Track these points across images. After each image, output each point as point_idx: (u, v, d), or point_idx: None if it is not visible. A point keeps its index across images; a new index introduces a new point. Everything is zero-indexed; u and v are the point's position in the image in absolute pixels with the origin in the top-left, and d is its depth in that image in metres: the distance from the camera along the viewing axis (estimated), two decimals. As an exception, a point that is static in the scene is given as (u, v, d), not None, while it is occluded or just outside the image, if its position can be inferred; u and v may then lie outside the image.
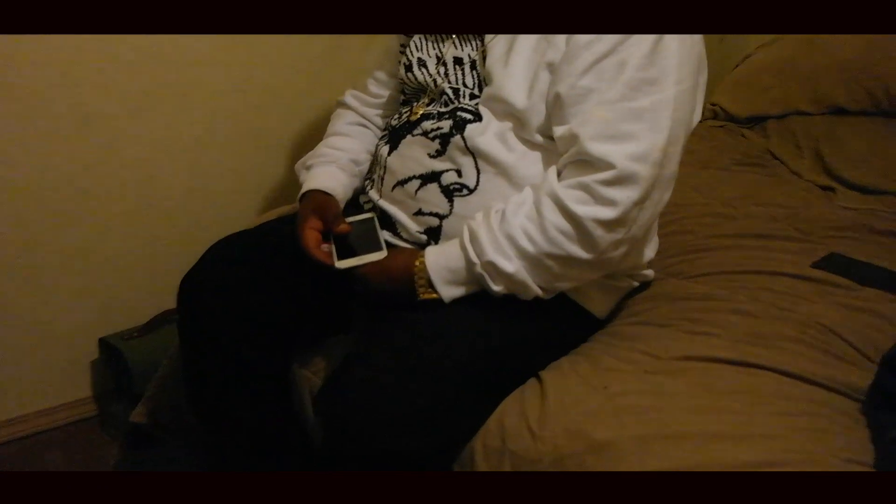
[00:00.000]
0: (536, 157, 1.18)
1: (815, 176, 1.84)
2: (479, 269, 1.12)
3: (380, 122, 1.45)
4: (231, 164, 1.84)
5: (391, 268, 1.18)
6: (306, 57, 1.85)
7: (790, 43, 2.16)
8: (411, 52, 1.32)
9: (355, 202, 1.38)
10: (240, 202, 1.88)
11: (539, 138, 1.17)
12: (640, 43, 1.08)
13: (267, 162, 1.89)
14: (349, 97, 1.46)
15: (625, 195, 1.08)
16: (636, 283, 1.34)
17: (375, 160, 1.34)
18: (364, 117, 1.45)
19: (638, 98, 1.08)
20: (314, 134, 1.72)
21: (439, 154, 1.21)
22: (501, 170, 1.18)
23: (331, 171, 1.36)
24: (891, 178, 1.77)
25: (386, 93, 1.44)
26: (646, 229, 1.15)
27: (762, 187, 1.74)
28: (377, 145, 1.35)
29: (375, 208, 1.30)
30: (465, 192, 1.20)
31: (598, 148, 1.08)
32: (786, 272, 1.33)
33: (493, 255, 1.11)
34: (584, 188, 1.09)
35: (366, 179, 1.38)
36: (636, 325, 1.24)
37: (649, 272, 1.35)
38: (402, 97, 1.37)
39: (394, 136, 1.29)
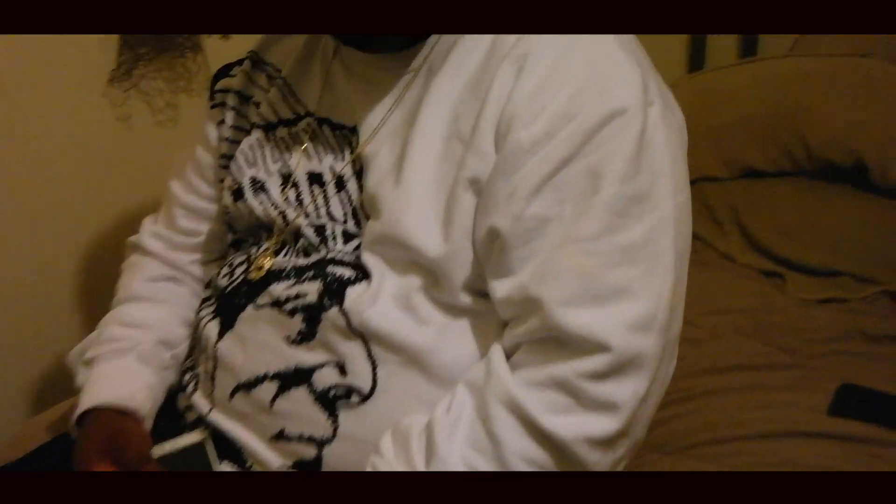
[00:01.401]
0: (463, 328, 0.74)
1: (750, 258, 1.52)
2: None
3: (199, 271, 0.95)
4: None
5: None
6: (84, 162, 1.31)
7: (682, 97, 1.85)
8: (240, 167, 0.85)
9: (171, 408, 0.87)
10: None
11: (465, 299, 0.73)
12: (618, 137, 0.67)
13: (25, 335, 1.31)
14: (148, 237, 0.95)
15: (628, 390, 0.66)
16: (610, 474, 0.92)
17: (198, 342, 0.85)
18: (174, 267, 0.95)
19: (627, 226, 0.67)
20: (100, 286, 1.16)
21: (305, 339, 0.74)
22: (411, 356, 0.72)
23: (126, 366, 0.85)
24: (838, 253, 1.48)
25: (205, 227, 0.95)
26: (650, 422, 0.73)
27: (706, 284, 1.38)
28: (199, 317, 0.86)
29: (205, 423, 0.80)
30: (355, 398, 0.73)
31: (577, 319, 0.66)
32: (802, 430, 0.96)
33: None
34: (562, 387, 0.66)
35: (186, 371, 0.88)
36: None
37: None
38: (232, 235, 0.89)
39: (226, 307, 0.81)
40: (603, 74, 0.69)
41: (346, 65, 0.81)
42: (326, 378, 0.73)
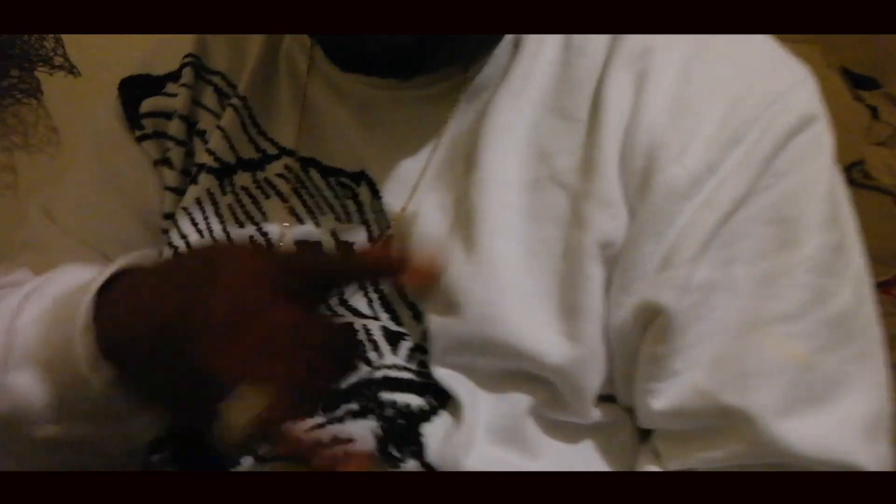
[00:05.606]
0: (587, 454, 0.50)
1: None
2: None
3: None
4: None
5: None
6: None
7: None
8: (184, 235, 0.55)
9: None
10: None
11: (595, 414, 0.49)
12: (809, 162, 0.48)
13: None
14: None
15: None
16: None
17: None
18: None
19: (836, 289, 0.47)
20: None
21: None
22: None
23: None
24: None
25: None
26: None
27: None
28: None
29: None
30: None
31: (806, 435, 0.46)
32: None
33: None
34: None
35: None
36: None
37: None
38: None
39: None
40: (765, 72, 0.49)
41: (332, 84, 0.55)
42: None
